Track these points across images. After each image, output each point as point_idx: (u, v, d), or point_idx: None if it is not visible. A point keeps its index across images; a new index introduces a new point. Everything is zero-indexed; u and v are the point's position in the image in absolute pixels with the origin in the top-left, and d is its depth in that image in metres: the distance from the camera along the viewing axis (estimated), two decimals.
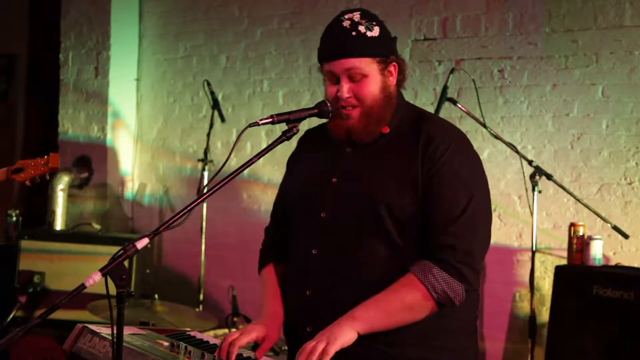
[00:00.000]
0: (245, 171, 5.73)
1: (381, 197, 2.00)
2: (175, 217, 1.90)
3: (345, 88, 2.04)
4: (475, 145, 4.43)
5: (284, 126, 2.07)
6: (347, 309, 1.96)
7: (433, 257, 1.96)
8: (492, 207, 4.32)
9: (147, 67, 5.49)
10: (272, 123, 2.07)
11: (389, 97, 2.07)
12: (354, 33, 2.03)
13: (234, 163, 5.11)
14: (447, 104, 3.91)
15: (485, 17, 4.40)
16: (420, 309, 1.96)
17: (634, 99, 3.94)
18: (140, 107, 5.51)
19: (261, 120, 2.05)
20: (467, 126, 4.34)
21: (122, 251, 1.82)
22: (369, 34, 2.03)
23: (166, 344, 2.11)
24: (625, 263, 3.85)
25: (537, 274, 4.13)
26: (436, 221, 1.97)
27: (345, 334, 1.90)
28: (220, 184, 1.97)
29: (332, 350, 1.86)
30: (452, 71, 3.87)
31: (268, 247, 2.33)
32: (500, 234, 4.31)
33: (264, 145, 5.12)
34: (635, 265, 3.80)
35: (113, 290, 1.77)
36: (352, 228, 2.04)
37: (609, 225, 3.77)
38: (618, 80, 3.99)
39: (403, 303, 1.95)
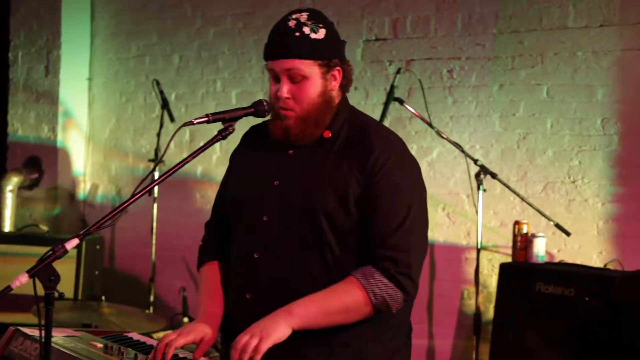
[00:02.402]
0: (198, 171, 5.75)
1: (320, 204, 1.99)
2: (107, 218, 1.89)
3: (285, 88, 2.02)
4: (425, 145, 4.58)
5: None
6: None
7: (375, 265, 1.97)
8: (442, 206, 4.44)
9: (99, 67, 5.45)
10: (208, 122, 2.05)
11: (328, 102, 2.06)
12: (297, 34, 2.01)
13: (187, 164, 5.10)
14: (396, 104, 3.95)
15: (435, 18, 4.45)
16: (357, 312, 1.96)
17: (577, 99, 4.02)
18: (92, 107, 5.46)
19: (196, 119, 2.03)
20: (417, 126, 4.39)
21: (50, 252, 1.79)
22: (312, 35, 2.01)
23: (100, 345, 2.09)
24: (569, 260, 3.92)
25: (484, 271, 4.19)
26: (376, 232, 1.97)
27: (279, 330, 1.89)
28: (150, 186, 1.95)
29: (264, 347, 1.86)
30: (398, 71, 3.91)
31: (208, 243, 2.30)
32: (449, 232, 4.36)
33: (217, 145, 5.12)
34: (578, 262, 3.87)
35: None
36: (293, 233, 2.03)
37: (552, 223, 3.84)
38: (562, 80, 4.06)
39: (342, 304, 1.95)
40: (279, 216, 2.05)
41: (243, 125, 2.21)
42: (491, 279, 4.15)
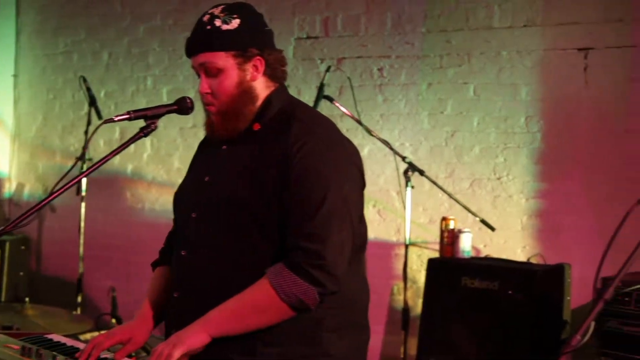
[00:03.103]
0: (129, 169, 5.65)
1: (242, 198, 1.95)
2: (22, 217, 1.85)
3: (203, 84, 2.00)
4: (356, 143, 4.53)
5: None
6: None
7: (286, 259, 1.90)
8: (372, 203, 4.49)
9: (25, 63, 5.31)
10: (129, 119, 2.01)
11: (247, 92, 2.00)
12: (209, 27, 1.97)
13: (117, 162, 5.03)
14: (327, 102, 3.98)
15: (365, 17, 4.50)
16: (271, 312, 1.90)
17: (502, 97, 4.12)
18: (17, 104, 5.32)
19: (117, 116, 1.99)
20: (348, 124, 4.42)
21: None
22: (224, 27, 1.96)
23: (17, 347, 2.04)
24: (495, 255, 4.01)
25: (414, 267, 4.26)
26: (291, 222, 1.90)
27: (194, 337, 1.87)
28: (68, 185, 1.91)
29: (177, 353, 1.84)
30: (328, 69, 3.93)
31: (164, 247, 2.27)
32: (380, 229, 4.41)
33: (147, 143, 5.06)
34: (504, 256, 3.95)
35: None
36: (218, 230, 1.98)
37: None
38: (488, 79, 4.16)
39: (253, 306, 1.90)
40: (206, 212, 2.02)
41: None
42: (420, 275, 4.21)
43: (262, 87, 2.03)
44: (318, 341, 1.96)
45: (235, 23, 1.97)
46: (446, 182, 4.20)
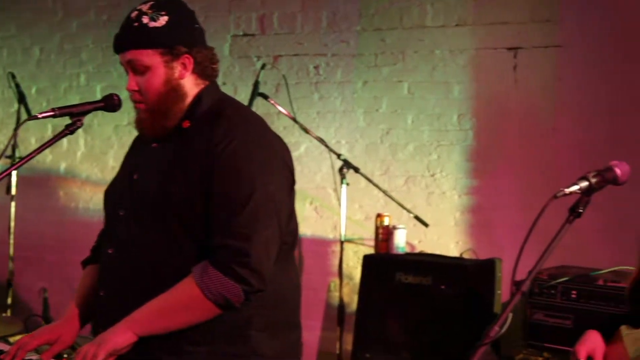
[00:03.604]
0: (62, 168, 5.51)
1: (169, 197, 1.94)
2: None
3: (130, 81, 1.98)
4: (293, 140, 4.63)
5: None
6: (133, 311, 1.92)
7: (212, 257, 1.89)
8: (309, 200, 4.51)
9: None
10: (54, 116, 1.98)
11: (175, 90, 1.98)
12: (135, 24, 1.95)
13: (49, 160, 4.92)
14: (263, 100, 3.98)
15: (301, 15, 4.51)
16: (197, 311, 1.89)
17: (435, 95, 4.19)
18: None
19: (41, 113, 1.96)
20: (285, 121, 4.42)
21: None
22: (151, 24, 1.94)
23: None
24: (429, 250, 4.07)
25: (350, 263, 4.30)
26: (216, 221, 1.89)
27: (118, 336, 1.86)
28: None
29: (102, 353, 1.83)
30: (263, 67, 3.93)
31: (95, 245, 2.25)
32: (317, 226, 4.44)
33: (81, 141, 4.98)
34: (437, 252, 4.02)
35: None
36: (145, 228, 1.98)
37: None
38: (421, 77, 4.22)
39: (179, 304, 1.90)
40: (133, 210, 2.01)
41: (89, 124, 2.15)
42: (357, 271, 4.24)
43: (191, 85, 2.01)
44: (247, 340, 1.95)
45: (162, 20, 1.96)
46: (381, 179, 4.25)
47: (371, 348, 3.67)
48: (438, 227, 4.13)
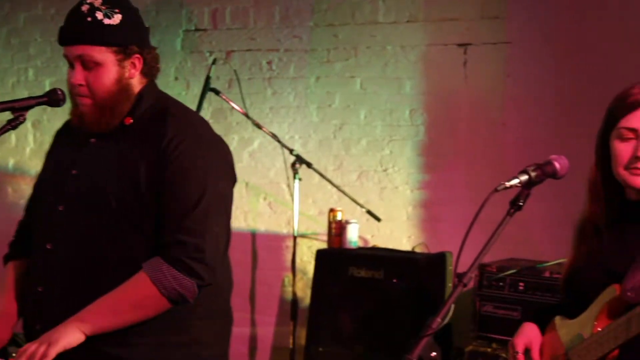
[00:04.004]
0: (10, 164, 5.41)
1: (113, 192, 1.96)
2: None
3: (78, 75, 1.97)
4: (246, 136, 4.62)
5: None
6: (79, 307, 1.91)
7: (164, 253, 1.93)
8: (263, 195, 4.51)
9: None
10: None
11: (125, 90, 2.01)
12: (89, 19, 1.94)
13: None
14: (214, 96, 3.96)
15: (254, 10, 4.50)
16: (151, 307, 1.93)
17: (388, 90, 4.22)
18: None
19: None
20: (238, 117, 4.42)
21: None
22: (106, 21, 1.95)
23: None
24: (382, 245, 4.11)
25: (304, 258, 4.31)
26: (168, 217, 1.94)
27: (69, 336, 1.85)
28: None
29: (53, 352, 1.81)
30: (214, 62, 3.91)
31: (16, 240, 2.22)
32: (270, 221, 4.44)
33: (30, 137, 4.89)
34: (390, 246, 4.07)
35: None
36: (88, 223, 1.99)
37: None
38: (374, 73, 4.25)
39: (132, 302, 1.92)
40: (74, 205, 2.01)
41: (41, 119, 2.12)
42: (310, 266, 4.25)
43: (136, 84, 2.05)
44: (190, 329, 2.02)
45: (117, 18, 1.97)
46: (335, 174, 4.27)
47: (324, 341, 3.70)
48: (391, 222, 4.17)
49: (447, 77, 4.09)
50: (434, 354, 1.52)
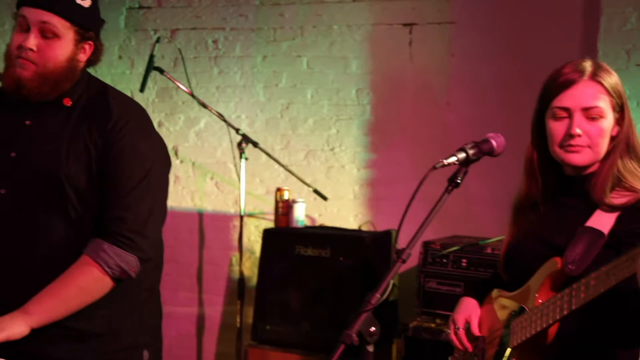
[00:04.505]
0: None
1: (63, 173, 1.97)
2: None
3: (33, 40, 1.95)
4: (192, 115, 4.57)
5: None
6: (23, 293, 1.92)
7: (105, 231, 1.97)
8: (210, 175, 4.48)
9: None
10: None
11: (73, 70, 2.03)
12: None
13: None
14: (159, 75, 3.92)
15: None
16: (97, 289, 1.96)
17: (334, 70, 4.23)
18: None
19: None
20: (184, 96, 4.38)
21: None
22: (78, 0, 1.99)
23: None
24: (329, 223, 4.15)
25: (252, 237, 4.32)
26: (111, 194, 1.98)
27: (13, 327, 1.86)
28: None
29: None
30: (158, 40, 3.86)
31: None
32: (218, 201, 4.43)
33: None
34: (337, 225, 4.10)
35: None
36: (33, 207, 1.99)
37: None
38: (320, 52, 4.25)
39: (78, 287, 1.94)
40: (18, 188, 2.00)
41: None
42: (258, 245, 4.26)
43: (80, 68, 2.07)
44: (138, 300, 2.11)
45: (88, 2, 2.02)
46: (282, 153, 4.28)
47: (271, 320, 3.73)
48: (338, 201, 4.20)
49: (392, 57, 4.12)
50: (373, 328, 1.55)
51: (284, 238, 3.79)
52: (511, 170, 2.19)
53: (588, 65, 1.84)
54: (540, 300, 1.79)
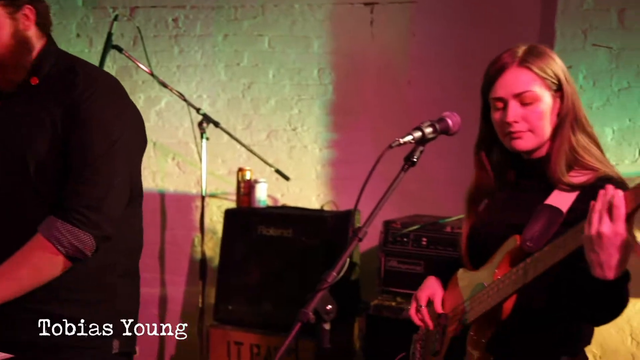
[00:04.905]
0: None
1: (30, 152, 1.93)
2: None
3: None
4: (153, 95, 4.52)
5: None
6: None
7: (61, 207, 1.91)
8: (171, 155, 4.44)
9: None
10: None
11: (23, 43, 1.97)
12: None
13: None
14: (118, 54, 3.86)
15: None
16: (51, 268, 1.91)
17: (296, 50, 4.21)
18: None
19: None
20: (144, 75, 4.32)
21: None
22: None
23: None
24: (292, 203, 4.15)
25: (214, 218, 4.30)
26: (71, 167, 1.92)
27: None
28: None
29: None
30: (115, 18, 3.79)
31: None
32: (179, 181, 4.40)
33: None
34: (300, 204, 4.11)
35: None
36: (3, 188, 1.96)
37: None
38: (282, 31, 4.23)
39: (31, 266, 1.90)
40: None
41: None
42: (220, 225, 4.25)
43: (36, 39, 2.01)
44: (111, 286, 2.05)
45: None
46: (244, 133, 4.26)
47: (233, 300, 3.73)
48: (300, 181, 4.20)
49: (354, 36, 4.11)
50: (329, 306, 1.56)
51: (246, 218, 3.78)
52: (470, 150, 2.21)
53: (520, 51, 1.87)
54: (498, 276, 1.81)
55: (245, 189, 3.87)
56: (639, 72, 3.39)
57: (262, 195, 3.85)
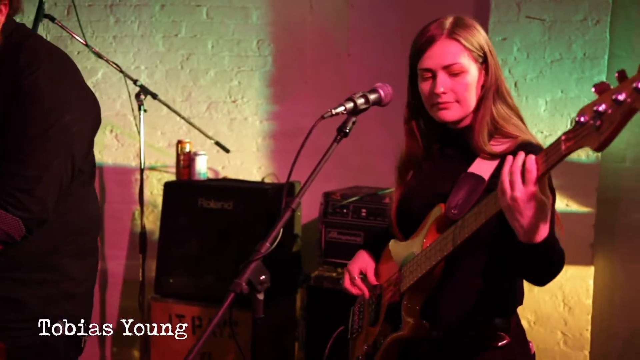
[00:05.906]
0: None
1: None
2: None
3: None
4: (89, 66, 4.42)
5: None
6: None
7: None
8: (109, 128, 4.37)
9: None
10: None
11: None
12: None
13: None
14: (51, 24, 3.75)
15: None
16: None
17: (235, 20, 4.16)
18: None
19: None
20: (80, 46, 4.21)
21: None
22: None
23: None
24: (233, 176, 4.14)
25: (154, 191, 4.26)
26: (7, 147, 1.86)
27: None
28: None
29: None
30: None
31: None
32: (118, 154, 4.33)
33: None
34: (241, 177, 4.10)
35: None
36: None
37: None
38: (220, 2, 4.17)
39: None
40: None
41: None
42: (160, 198, 4.21)
43: (7, 25, 1.98)
44: (60, 266, 2.01)
45: None
46: (183, 105, 4.21)
47: (174, 273, 3.71)
48: (241, 153, 4.19)
49: (293, 7, 4.09)
50: (263, 277, 1.57)
51: (186, 191, 3.75)
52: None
53: (447, 22, 1.89)
54: (427, 244, 1.85)
55: (185, 161, 3.84)
56: (570, 44, 3.47)
57: (202, 168, 3.82)
